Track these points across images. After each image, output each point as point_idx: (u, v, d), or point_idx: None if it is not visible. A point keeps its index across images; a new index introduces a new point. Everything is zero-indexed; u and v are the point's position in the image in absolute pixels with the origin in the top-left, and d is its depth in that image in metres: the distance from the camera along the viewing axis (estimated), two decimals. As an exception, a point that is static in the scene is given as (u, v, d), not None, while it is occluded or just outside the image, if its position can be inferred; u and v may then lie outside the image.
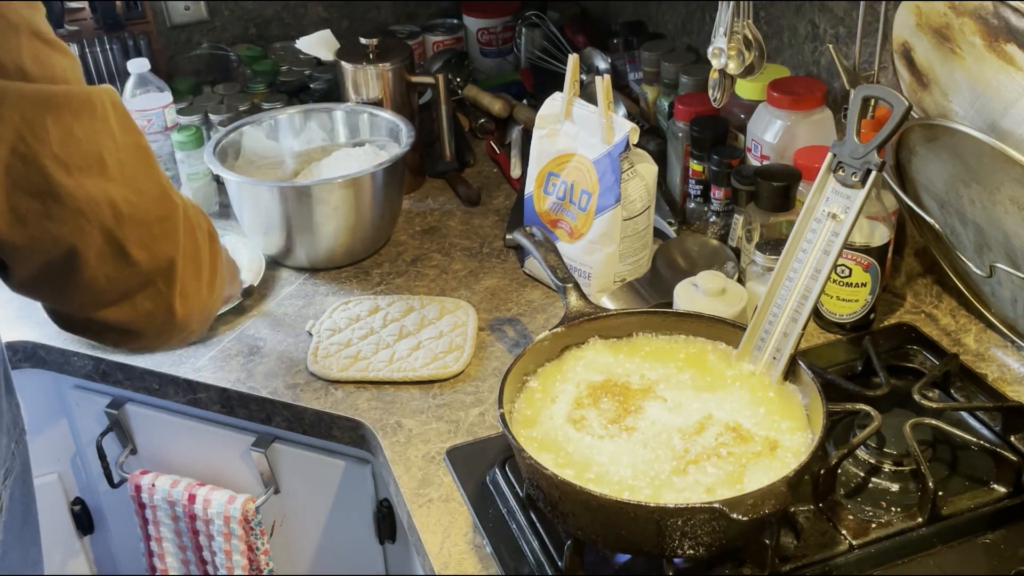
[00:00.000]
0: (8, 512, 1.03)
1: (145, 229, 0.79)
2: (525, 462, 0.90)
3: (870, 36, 1.20)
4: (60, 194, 0.74)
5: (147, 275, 0.81)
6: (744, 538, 0.89)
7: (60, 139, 0.73)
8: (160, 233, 0.81)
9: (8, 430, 1.03)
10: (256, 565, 1.32)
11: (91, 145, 0.75)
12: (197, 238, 0.86)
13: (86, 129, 0.75)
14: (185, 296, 0.84)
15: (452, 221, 1.55)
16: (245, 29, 1.93)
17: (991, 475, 1.00)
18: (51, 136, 0.73)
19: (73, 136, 0.74)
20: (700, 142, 1.38)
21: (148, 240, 0.80)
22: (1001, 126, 0.97)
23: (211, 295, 0.90)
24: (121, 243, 0.78)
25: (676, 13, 1.74)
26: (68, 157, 0.74)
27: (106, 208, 0.76)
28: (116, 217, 0.77)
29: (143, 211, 0.79)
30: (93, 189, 0.75)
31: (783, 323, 0.97)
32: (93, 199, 0.76)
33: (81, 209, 0.75)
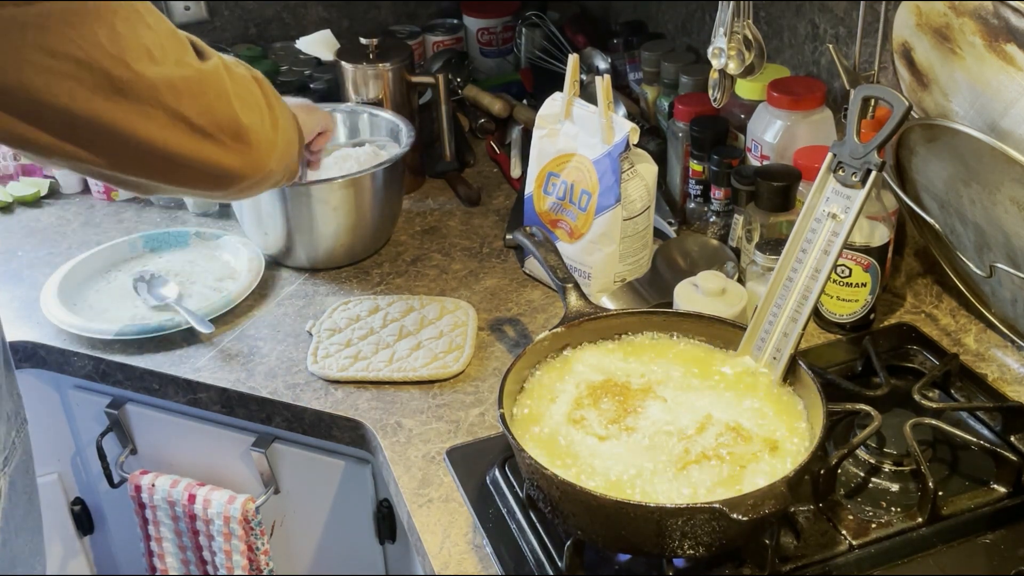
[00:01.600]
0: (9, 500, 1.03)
1: (201, 98, 0.87)
2: (525, 462, 0.90)
3: (870, 36, 1.20)
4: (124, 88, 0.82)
5: (215, 135, 0.89)
6: (744, 538, 0.89)
7: (110, 39, 0.80)
8: (215, 97, 0.89)
9: (9, 418, 1.03)
10: (256, 565, 1.32)
11: (135, 37, 0.82)
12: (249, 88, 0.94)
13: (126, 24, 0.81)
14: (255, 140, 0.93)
15: (452, 221, 1.55)
16: (245, 29, 1.93)
17: (991, 475, 1.00)
18: (101, 39, 0.79)
19: (119, 34, 0.80)
20: (700, 142, 1.38)
21: (207, 107, 0.88)
22: (1001, 126, 0.97)
23: (276, 133, 0.98)
24: (185, 116, 0.86)
25: (676, 13, 1.74)
26: (121, 53, 0.81)
27: (164, 90, 0.84)
28: (175, 96, 0.85)
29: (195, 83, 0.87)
30: (149, 75, 0.83)
31: (783, 323, 0.97)
32: (152, 84, 0.83)
33: (143, 96, 0.83)
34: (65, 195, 1.68)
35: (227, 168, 0.92)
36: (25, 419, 1.09)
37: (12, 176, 1.67)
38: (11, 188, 1.65)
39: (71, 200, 1.66)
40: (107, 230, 1.57)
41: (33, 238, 1.56)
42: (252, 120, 0.93)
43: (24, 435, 1.08)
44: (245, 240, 1.47)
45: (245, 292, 1.36)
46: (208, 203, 1.59)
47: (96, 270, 1.45)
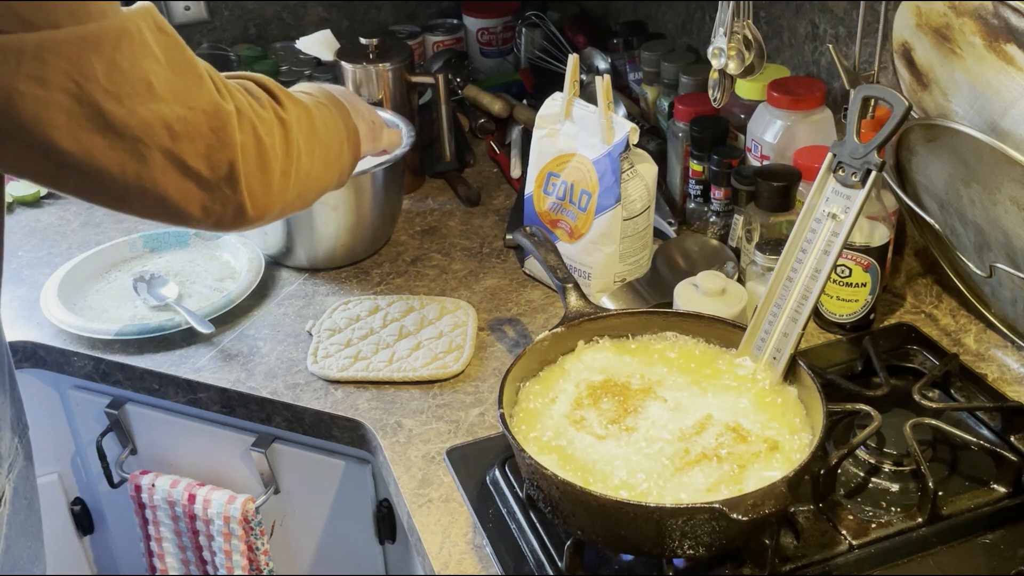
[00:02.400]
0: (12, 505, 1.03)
1: (201, 141, 0.83)
2: (525, 462, 0.90)
3: (870, 36, 1.20)
4: (116, 125, 0.78)
5: (210, 181, 0.85)
6: (744, 538, 0.89)
7: (106, 73, 0.76)
8: (216, 142, 0.84)
9: (11, 424, 1.03)
10: (256, 565, 1.32)
11: (136, 72, 0.78)
12: (260, 134, 0.88)
13: (128, 57, 0.78)
14: (253, 193, 0.88)
15: (452, 221, 1.55)
16: (245, 29, 1.93)
17: (991, 475, 1.00)
18: (97, 73, 0.76)
19: (118, 67, 0.77)
20: (700, 142, 1.38)
21: (205, 151, 0.83)
22: (1001, 126, 0.97)
23: (287, 180, 0.93)
24: (181, 159, 0.82)
25: (676, 13, 1.74)
26: (117, 88, 0.77)
27: (161, 130, 0.80)
28: (172, 136, 0.81)
29: (196, 125, 0.82)
30: (146, 113, 0.79)
31: (783, 323, 0.97)
32: (148, 123, 0.79)
33: (137, 135, 0.79)
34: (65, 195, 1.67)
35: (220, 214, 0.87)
36: (27, 425, 1.09)
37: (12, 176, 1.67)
38: (11, 188, 1.65)
39: (71, 200, 1.66)
40: (107, 230, 1.57)
41: (33, 238, 1.56)
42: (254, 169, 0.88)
43: (26, 441, 1.08)
44: (245, 240, 1.47)
45: (245, 292, 1.36)
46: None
47: (96, 270, 1.45)
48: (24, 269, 1.48)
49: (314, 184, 1.01)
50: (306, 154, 0.96)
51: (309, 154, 0.97)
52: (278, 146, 0.91)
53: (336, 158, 1.05)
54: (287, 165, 0.93)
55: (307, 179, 0.98)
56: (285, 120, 0.93)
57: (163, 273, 1.42)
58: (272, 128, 0.91)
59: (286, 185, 0.93)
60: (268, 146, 0.90)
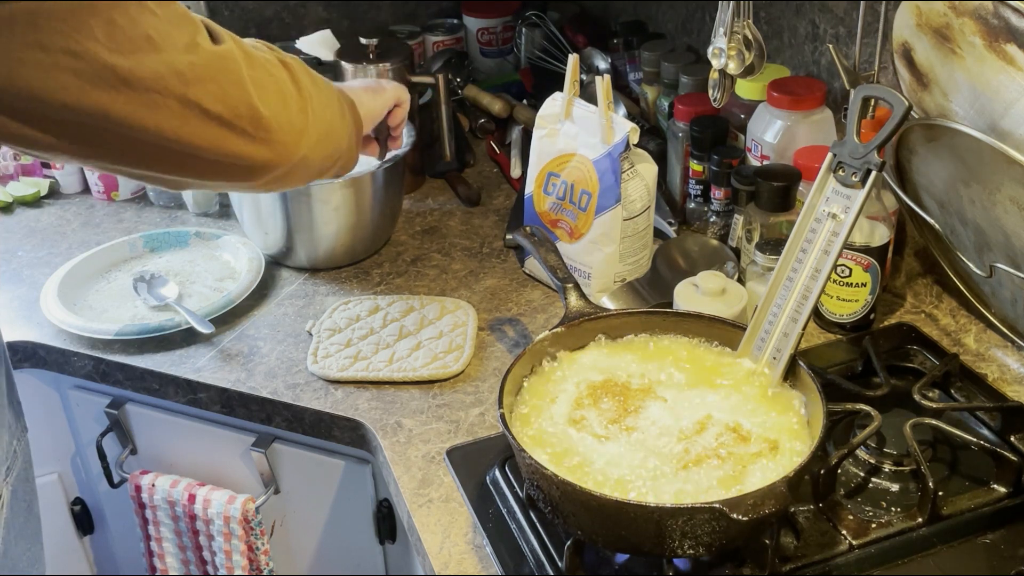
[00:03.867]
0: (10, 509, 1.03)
1: (212, 84, 0.83)
2: (525, 462, 0.90)
3: (870, 36, 1.20)
4: (127, 77, 0.78)
5: (231, 121, 0.85)
6: (744, 538, 0.89)
7: (106, 32, 0.76)
8: (228, 83, 0.84)
9: (10, 427, 1.03)
10: (256, 565, 1.32)
11: (135, 27, 0.78)
12: (270, 72, 0.89)
13: (124, 15, 0.77)
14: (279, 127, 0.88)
15: (452, 221, 1.55)
16: (245, 29, 1.93)
17: (991, 475, 1.00)
18: (97, 32, 0.76)
19: (116, 25, 0.77)
20: (700, 142, 1.38)
21: (220, 93, 0.84)
22: (1001, 126, 0.97)
23: (306, 118, 0.93)
24: (197, 103, 0.82)
25: (676, 13, 1.74)
26: (119, 44, 0.77)
27: (171, 77, 0.80)
28: (183, 82, 0.81)
29: (204, 69, 0.82)
30: (153, 63, 0.79)
31: (783, 323, 0.97)
32: (157, 73, 0.79)
33: (149, 86, 0.79)
34: (65, 195, 1.68)
35: (249, 157, 0.87)
36: (25, 427, 1.09)
37: (12, 176, 1.67)
38: (11, 188, 1.65)
39: (71, 200, 1.66)
40: (107, 230, 1.57)
41: (33, 238, 1.56)
42: (273, 105, 0.88)
43: (24, 443, 1.08)
44: (245, 240, 1.47)
45: (245, 292, 1.36)
46: (208, 203, 1.59)
47: (96, 270, 1.45)
48: (24, 269, 1.48)
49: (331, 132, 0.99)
50: (315, 95, 0.96)
51: (317, 96, 0.97)
52: (288, 82, 0.92)
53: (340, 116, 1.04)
54: (302, 102, 0.93)
55: (322, 122, 0.97)
56: (287, 62, 0.94)
57: (163, 273, 1.42)
58: (277, 68, 0.92)
59: (306, 122, 0.93)
60: (280, 79, 0.90)
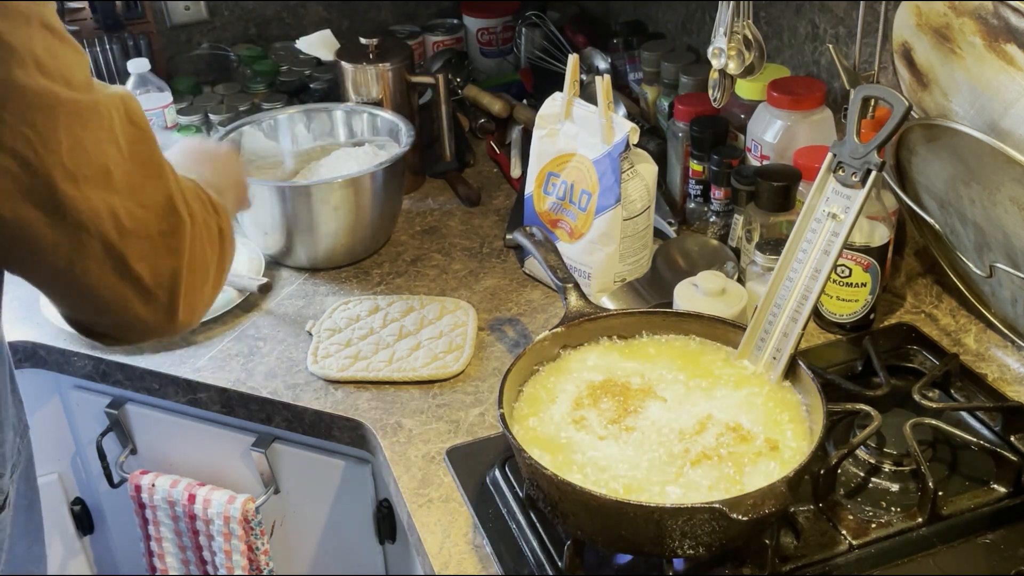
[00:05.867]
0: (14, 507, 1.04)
1: (148, 243, 0.78)
2: (525, 462, 0.90)
3: (870, 36, 1.20)
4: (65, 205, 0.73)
5: (149, 288, 0.79)
6: (744, 538, 0.89)
7: (70, 149, 0.72)
8: (163, 247, 0.79)
9: (14, 426, 1.03)
10: (256, 565, 1.32)
11: (98, 156, 0.74)
12: (205, 246, 0.84)
13: (93, 139, 0.74)
14: (188, 304, 0.83)
15: (452, 221, 1.55)
16: (245, 29, 1.93)
17: (991, 475, 1.00)
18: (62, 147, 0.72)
19: (82, 146, 0.73)
20: (700, 142, 1.38)
21: (151, 254, 0.78)
22: (1001, 126, 0.97)
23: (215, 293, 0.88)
24: (122, 256, 0.77)
25: (676, 13, 1.74)
26: (76, 168, 0.73)
27: (108, 221, 0.75)
28: (118, 230, 0.76)
29: (146, 225, 0.78)
30: (97, 201, 0.74)
31: (783, 323, 0.97)
32: (96, 211, 0.74)
33: (83, 221, 0.74)
34: None
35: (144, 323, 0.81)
36: (27, 425, 1.09)
37: None
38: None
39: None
40: (107, 230, 1.57)
41: (33, 238, 1.56)
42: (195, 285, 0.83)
43: (27, 441, 1.08)
44: (245, 240, 1.47)
45: (245, 292, 1.36)
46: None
47: (96, 270, 1.44)
48: (24, 269, 1.48)
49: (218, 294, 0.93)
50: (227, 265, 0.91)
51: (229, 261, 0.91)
52: (215, 260, 0.86)
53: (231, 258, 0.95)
54: (218, 278, 0.88)
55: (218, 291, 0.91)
56: (223, 230, 0.88)
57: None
58: (214, 239, 0.86)
59: (212, 297, 0.88)
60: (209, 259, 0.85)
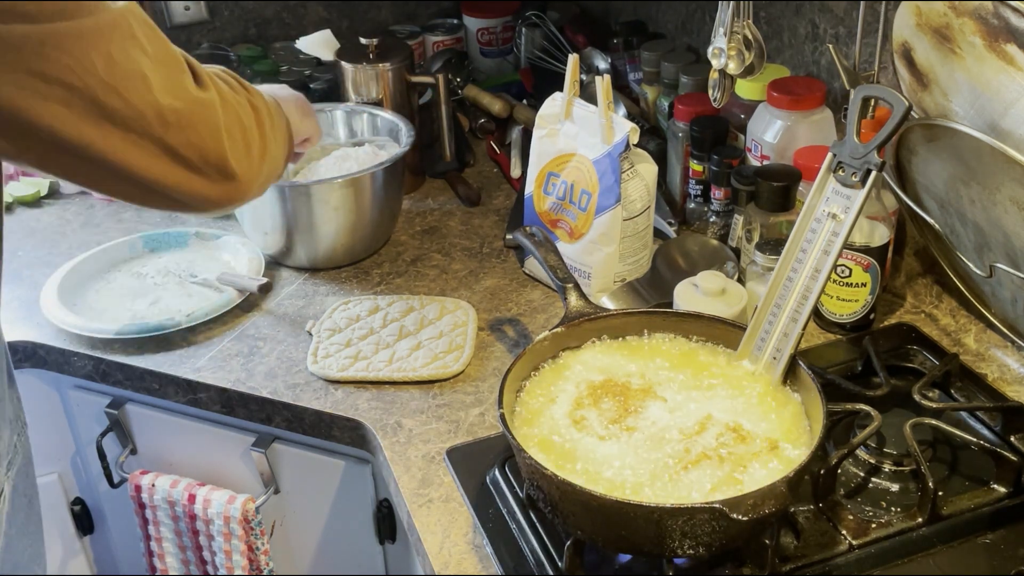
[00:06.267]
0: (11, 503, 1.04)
1: (191, 131, 0.87)
2: (525, 462, 0.90)
3: (870, 36, 1.20)
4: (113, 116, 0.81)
5: (200, 167, 0.89)
6: (744, 538, 0.89)
7: (105, 66, 0.79)
8: (205, 131, 0.88)
9: (11, 422, 1.03)
10: (256, 565, 1.32)
11: (130, 64, 0.81)
12: (241, 120, 0.94)
13: (122, 51, 0.81)
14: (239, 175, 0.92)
15: (452, 221, 1.55)
16: (245, 29, 1.93)
17: (991, 475, 1.00)
18: (96, 66, 0.79)
19: (114, 60, 0.80)
20: (700, 142, 1.38)
21: (195, 140, 0.87)
22: (1001, 126, 0.97)
23: (263, 163, 0.97)
24: (173, 148, 0.86)
25: (676, 13, 1.74)
26: (114, 81, 0.80)
27: (154, 119, 0.83)
28: (164, 126, 0.84)
29: (186, 115, 0.86)
30: (140, 104, 0.82)
31: (783, 323, 0.97)
32: (142, 113, 0.83)
33: (132, 126, 0.82)
34: (65, 195, 1.68)
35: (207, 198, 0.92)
36: (25, 422, 1.09)
37: (12, 176, 1.67)
38: (11, 188, 1.65)
39: (71, 200, 1.66)
40: (107, 230, 1.57)
41: (33, 238, 1.56)
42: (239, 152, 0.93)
43: (24, 438, 1.08)
44: (245, 240, 1.47)
45: (245, 292, 1.36)
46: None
47: (96, 270, 1.45)
48: (24, 269, 1.48)
49: (277, 166, 1.05)
50: (271, 139, 1.01)
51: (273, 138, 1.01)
52: (254, 129, 0.96)
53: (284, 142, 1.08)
54: (263, 148, 0.97)
55: (275, 161, 1.02)
56: (256, 105, 0.98)
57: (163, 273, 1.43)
58: (248, 112, 0.96)
59: (262, 165, 0.97)
60: (248, 127, 0.94)
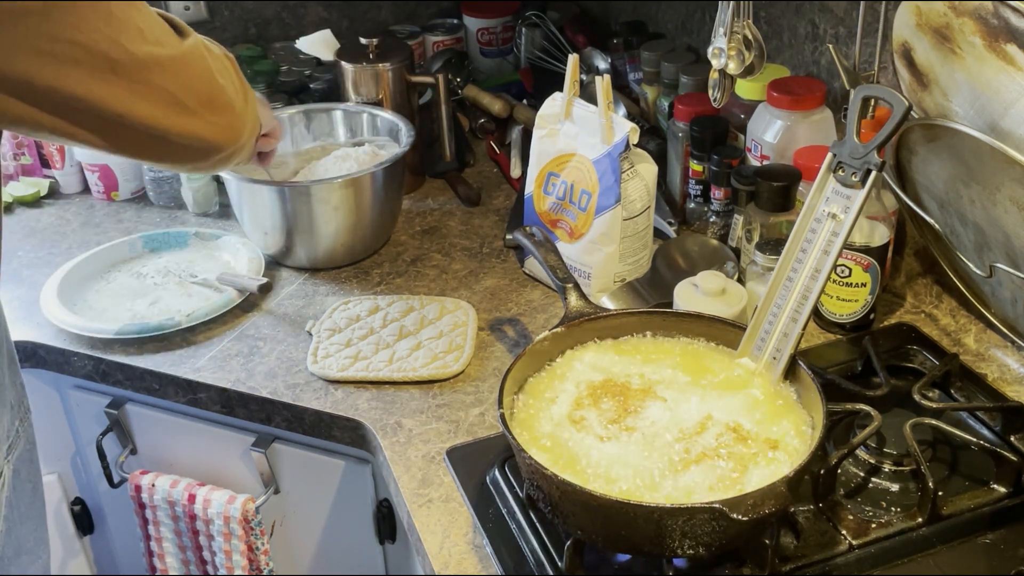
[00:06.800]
0: (13, 489, 1.04)
1: (184, 76, 0.92)
2: (525, 462, 0.90)
3: (870, 36, 1.20)
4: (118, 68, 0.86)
5: (198, 110, 0.94)
6: (744, 538, 0.89)
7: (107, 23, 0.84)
8: (197, 75, 0.94)
9: (12, 407, 1.04)
10: (256, 565, 1.32)
11: (128, 19, 0.86)
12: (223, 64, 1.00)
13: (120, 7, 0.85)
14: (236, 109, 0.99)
15: (452, 221, 1.55)
16: (245, 29, 1.93)
17: (991, 475, 1.00)
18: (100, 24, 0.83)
19: (114, 16, 0.84)
20: (700, 142, 1.38)
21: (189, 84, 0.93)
22: (1001, 126, 0.97)
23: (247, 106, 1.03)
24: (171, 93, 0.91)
25: (676, 13, 1.74)
26: (117, 35, 0.85)
27: (154, 68, 0.89)
28: (161, 73, 0.90)
29: (178, 62, 0.91)
30: (141, 54, 0.87)
31: (783, 323, 0.97)
32: (143, 63, 0.87)
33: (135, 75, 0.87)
34: (65, 195, 1.68)
35: (209, 140, 0.97)
36: (29, 409, 1.10)
37: (12, 176, 1.67)
38: (11, 188, 1.65)
39: (71, 200, 1.66)
40: (107, 230, 1.57)
41: (33, 238, 1.56)
42: (229, 93, 0.98)
43: (28, 424, 1.09)
44: (245, 240, 1.47)
45: (245, 292, 1.36)
46: (208, 203, 1.59)
47: (96, 270, 1.45)
48: (24, 269, 1.48)
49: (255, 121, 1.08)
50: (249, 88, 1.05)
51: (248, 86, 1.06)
52: (234, 74, 1.02)
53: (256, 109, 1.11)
54: (244, 92, 1.03)
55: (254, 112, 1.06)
56: (228, 56, 1.04)
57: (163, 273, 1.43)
58: (225, 60, 1.02)
59: (247, 110, 1.03)
60: (229, 71, 1.01)
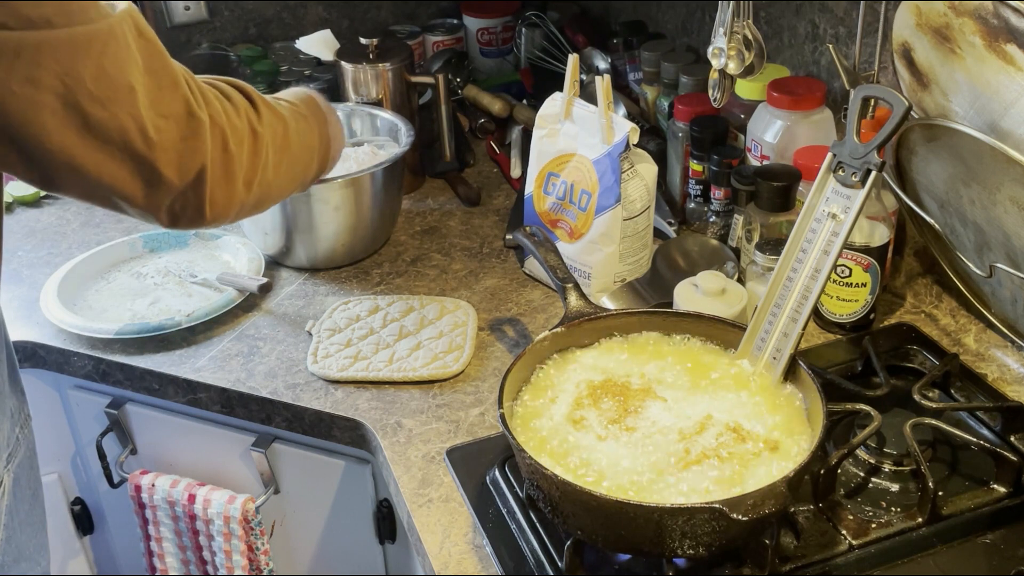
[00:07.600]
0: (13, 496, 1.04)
1: (173, 151, 0.85)
2: (525, 462, 0.90)
3: (870, 36, 1.20)
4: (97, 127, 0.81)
5: (177, 188, 0.87)
6: (744, 538, 0.89)
7: (93, 77, 0.79)
8: (187, 150, 0.86)
9: (12, 415, 1.04)
10: (256, 565, 1.32)
11: (121, 77, 0.80)
12: (229, 145, 0.91)
13: (114, 63, 0.80)
14: (214, 200, 0.91)
15: (452, 221, 1.55)
16: (245, 29, 1.93)
17: (991, 475, 1.00)
18: (86, 77, 0.78)
19: (105, 72, 0.79)
20: (700, 142, 1.38)
21: (176, 159, 0.86)
22: (1001, 126, 0.97)
23: (249, 191, 0.95)
24: (153, 165, 0.84)
25: (676, 13, 1.74)
26: (102, 92, 0.79)
27: (137, 136, 0.82)
28: (147, 143, 0.83)
29: (170, 134, 0.85)
30: (125, 119, 0.81)
31: (783, 323, 0.97)
32: (125, 128, 0.82)
33: (114, 139, 0.82)
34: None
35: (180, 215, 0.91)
36: (29, 415, 1.10)
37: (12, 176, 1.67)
38: (11, 188, 1.65)
39: (71, 200, 1.66)
40: (107, 230, 1.57)
41: (33, 238, 1.56)
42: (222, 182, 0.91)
43: (28, 431, 1.09)
44: (245, 240, 1.47)
45: (245, 292, 1.36)
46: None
47: (96, 270, 1.45)
48: (24, 269, 1.48)
49: (275, 193, 1.03)
50: (273, 166, 0.98)
51: (276, 166, 0.99)
52: (245, 157, 0.94)
53: (303, 169, 1.07)
54: (251, 175, 0.95)
55: (269, 188, 0.99)
56: (257, 132, 0.95)
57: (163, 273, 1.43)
58: (243, 138, 0.93)
59: (247, 194, 0.95)
60: (235, 155, 0.92)
